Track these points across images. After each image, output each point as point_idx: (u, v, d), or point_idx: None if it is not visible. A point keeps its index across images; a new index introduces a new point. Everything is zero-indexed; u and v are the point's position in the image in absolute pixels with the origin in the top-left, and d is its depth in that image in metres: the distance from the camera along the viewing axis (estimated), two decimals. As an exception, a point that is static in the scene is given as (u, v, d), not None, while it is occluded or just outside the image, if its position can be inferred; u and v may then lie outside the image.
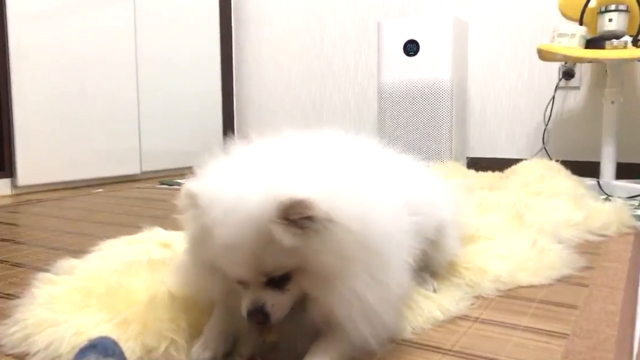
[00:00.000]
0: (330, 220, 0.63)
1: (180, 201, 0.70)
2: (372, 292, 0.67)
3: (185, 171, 0.78)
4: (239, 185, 0.65)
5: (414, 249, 0.78)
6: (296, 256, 0.64)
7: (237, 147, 0.78)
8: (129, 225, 1.64)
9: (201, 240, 0.68)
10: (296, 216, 0.62)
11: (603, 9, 2.20)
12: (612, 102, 2.25)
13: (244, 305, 0.68)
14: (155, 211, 1.93)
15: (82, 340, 0.70)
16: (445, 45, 2.58)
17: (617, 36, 2.12)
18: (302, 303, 0.69)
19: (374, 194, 0.72)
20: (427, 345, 0.79)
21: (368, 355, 0.71)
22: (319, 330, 0.70)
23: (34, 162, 2.38)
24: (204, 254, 0.69)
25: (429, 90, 2.61)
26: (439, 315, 0.88)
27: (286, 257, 0.64)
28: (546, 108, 2.75)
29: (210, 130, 3.36)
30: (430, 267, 0.99)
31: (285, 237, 0.62)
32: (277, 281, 0.67)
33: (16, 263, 1.25)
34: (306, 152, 0.73)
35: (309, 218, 0.62)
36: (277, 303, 0.67)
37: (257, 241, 0.63)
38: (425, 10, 3.03)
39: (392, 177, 0.86)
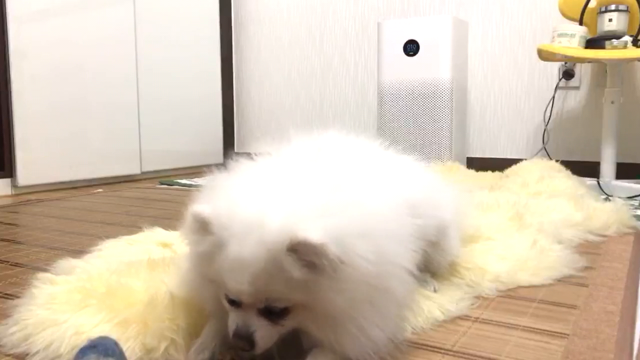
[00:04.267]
0: (342, 263, 0.62)
1: (188, 223, 0.68)
2: (379, 326, 0.67)
3: (185, 171, 0.78)
4: (262, 204, 0.64)
5: (416, 252, 0.78)
6: (304, 291, 0.63)
7: (247, 163, 0.77)
8: (129, 225, 1.64)
9: (209, 255, 0.66)
10: (306, 257, 0.61)
11: (603, 9, 2.20)
12: (612, 102, 2.25)
13: (232, 325, 0.66)
14: (155, 211, 1.93)
15: (82, 340, 0.70)
16: (445, 45, 2.58)
17: (617, 36, 2.12)
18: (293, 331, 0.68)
19: (387, 225, 0.70)
20: (427, 345, 0.79)
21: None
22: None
23: (34, 162, 2.38)
24: (208, 268, 0.67)
25: (429, 90, 2.61)
26: (439, 315, 0.88)
27: (293, 289, 0.62)
28: (546, 108, 2.75)
29: (210, 130, 3.36)
30: (430, 267, 0.99)
31: (296, 270, 0.61)
32: (274, 313, 0.65)
33: (16, 263, 1.25)
34: (320, 174, 0.72)
35: (319, 261, 0.61)
36: (266, 335, 0.65)
37: (269, 265, 0.61)
38: (425, 10, 3.03)
39: (395, 180, 0.85)
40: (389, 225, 0.71)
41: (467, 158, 2.90)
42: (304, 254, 0.61)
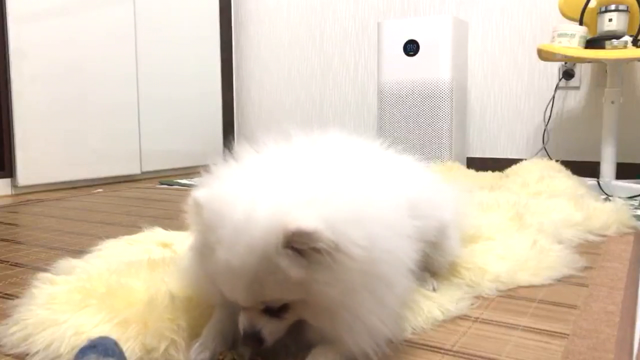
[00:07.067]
0: (337, 250, 0.61)
1: (188, 208, 0.69)
2: (376, 314, 0.67)
3: (185, 171, 0.78)
4: (247, 203, 0.63)
5: (416, 253, 0.78)
6: (299, 288, 0.63)
7: (247, 154, 0.77)
8: (129, 225, 1.64)
9: (204, 253, 0.67)
10: (302, 246, 0.61)
11: (603, 9, 2.20)
12: (612, 102, 2.25)
13: (241, 325, 0.68)
14: (155, 211, 1.93)
15: (82, 340, 0.70)
16: (445, 45, 2.58)
17: (617, 36, 2.12)
18: (296, 323, 0.69)
19: (380, 212, 0.70)
20: (427, 345, 0.79)
21: (366, 356, 0.71)
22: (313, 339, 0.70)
23: (34, 162, 2.38)
24: (206, 267, 0.68)
25: (429, 90, 2.61)
26: (439, 315, 0.88)
27: (289, 289, 0.63)
28: (546, 108, 2.75)
29: (210, 130, 3.36)
30: (431, 268, 0.99)
31: (292, 268, 0.61)
32: (275, 310, 0.66)
33: (16, 263, 1.25)
34: (315, 167, 0.71)
35: (315, 249, 0.61)
36: (274, 330, 0.67)
37: (260, 270, 0.61)
38: (425, 10, 3.03)
39: (395, 179, 0.85)
40: (381, 211, 0.71)
41: (467, 158, 2.90)
42: (299, 244, 0.60)
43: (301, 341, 0.71)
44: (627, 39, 2.11)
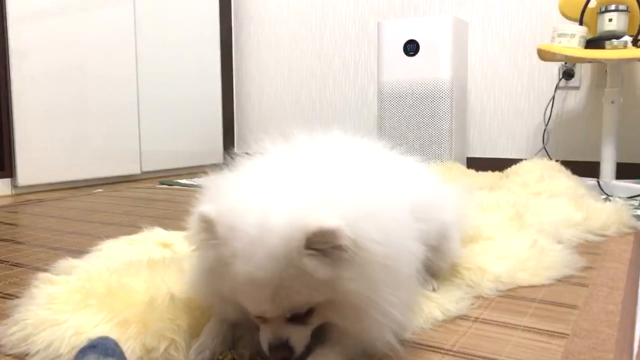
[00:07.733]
0: (357, 246, 0.61)
1: (193, 225, 0.67)
2: (396, 306, 0.67)
3: (185, 171, 0.77)
4: (260, 212, 0.62)
5: (420, 256, 0.78)
6: (326, 289, 0.62)
7: (248, 160, 0.76)
8: (129, 225, 1.64)
9: (217, 271, 0.65)
10: (324, 246, 0.60)
11: (603, 9, 2.20)
12: (612, 102, 2.25)
13: (265, 340, 0.67)
14: (155, 211, 1.93)
15: (82, 340, 0.70)
16: (445, 45, 2.58)
17: (617, 36, 2.12)
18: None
19: (390, 209, 0.71)
20: (427, 345, 0.79)
21: (367, 357, 0.71)
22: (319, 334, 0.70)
23: (34, 162, 2.38)
24: (220, 286, 0.66)
25: (429, 90, 2.61)
26: (439, 315, 0.88)
27: (315, 291, 0.62)
28: (546, 108, 2.75)
29: (210, 130, 3.36)
30: (431, 270, 0.98)
31: (318, 269, 0.61)
32: (301, 316, 0.65)
33: (16, 263, 1.25)
34: (322, 168, 0.71)
35: (337, 247, 0.61)
36: (301, 337, 0.66)
37: (285, 276, 0.61)
38: (425, 10, 3.03)
39: (398, 182, 0.85)
40: (390, 207, 0.71)
41: (467, 158, 2.90)
42: (320, 244, 0.60)
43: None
44: (627, 39, 2.11)
